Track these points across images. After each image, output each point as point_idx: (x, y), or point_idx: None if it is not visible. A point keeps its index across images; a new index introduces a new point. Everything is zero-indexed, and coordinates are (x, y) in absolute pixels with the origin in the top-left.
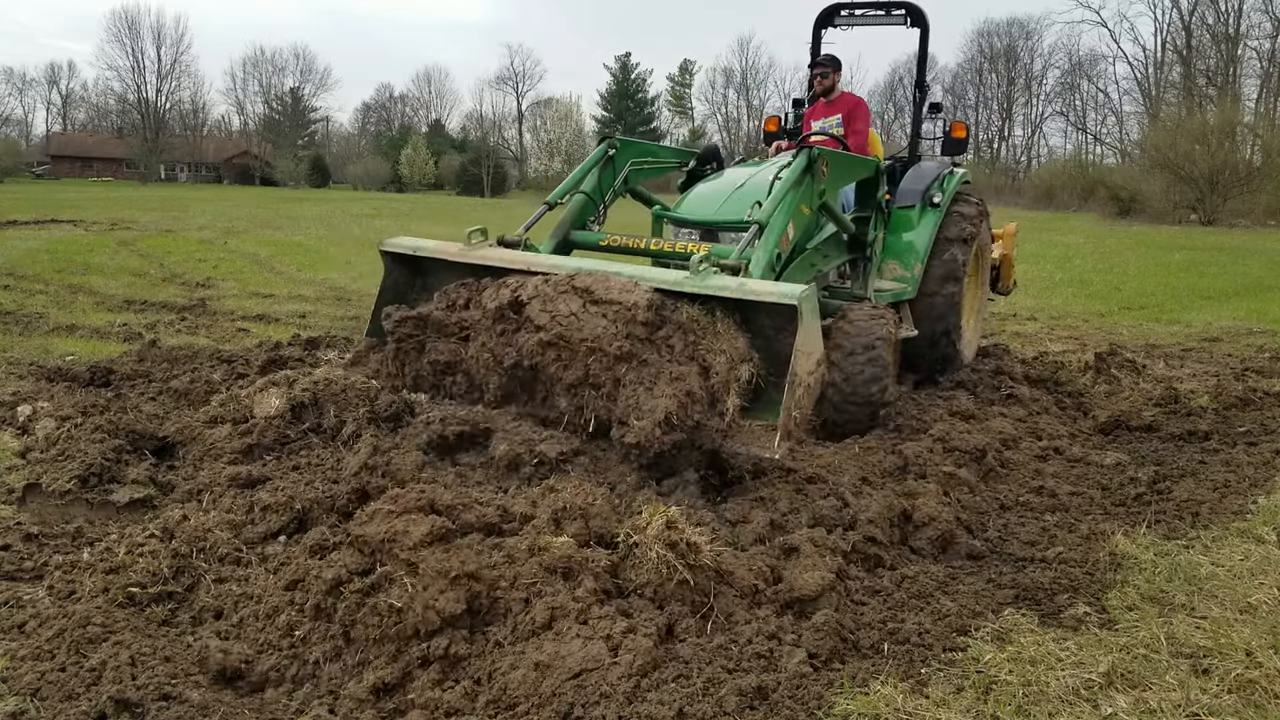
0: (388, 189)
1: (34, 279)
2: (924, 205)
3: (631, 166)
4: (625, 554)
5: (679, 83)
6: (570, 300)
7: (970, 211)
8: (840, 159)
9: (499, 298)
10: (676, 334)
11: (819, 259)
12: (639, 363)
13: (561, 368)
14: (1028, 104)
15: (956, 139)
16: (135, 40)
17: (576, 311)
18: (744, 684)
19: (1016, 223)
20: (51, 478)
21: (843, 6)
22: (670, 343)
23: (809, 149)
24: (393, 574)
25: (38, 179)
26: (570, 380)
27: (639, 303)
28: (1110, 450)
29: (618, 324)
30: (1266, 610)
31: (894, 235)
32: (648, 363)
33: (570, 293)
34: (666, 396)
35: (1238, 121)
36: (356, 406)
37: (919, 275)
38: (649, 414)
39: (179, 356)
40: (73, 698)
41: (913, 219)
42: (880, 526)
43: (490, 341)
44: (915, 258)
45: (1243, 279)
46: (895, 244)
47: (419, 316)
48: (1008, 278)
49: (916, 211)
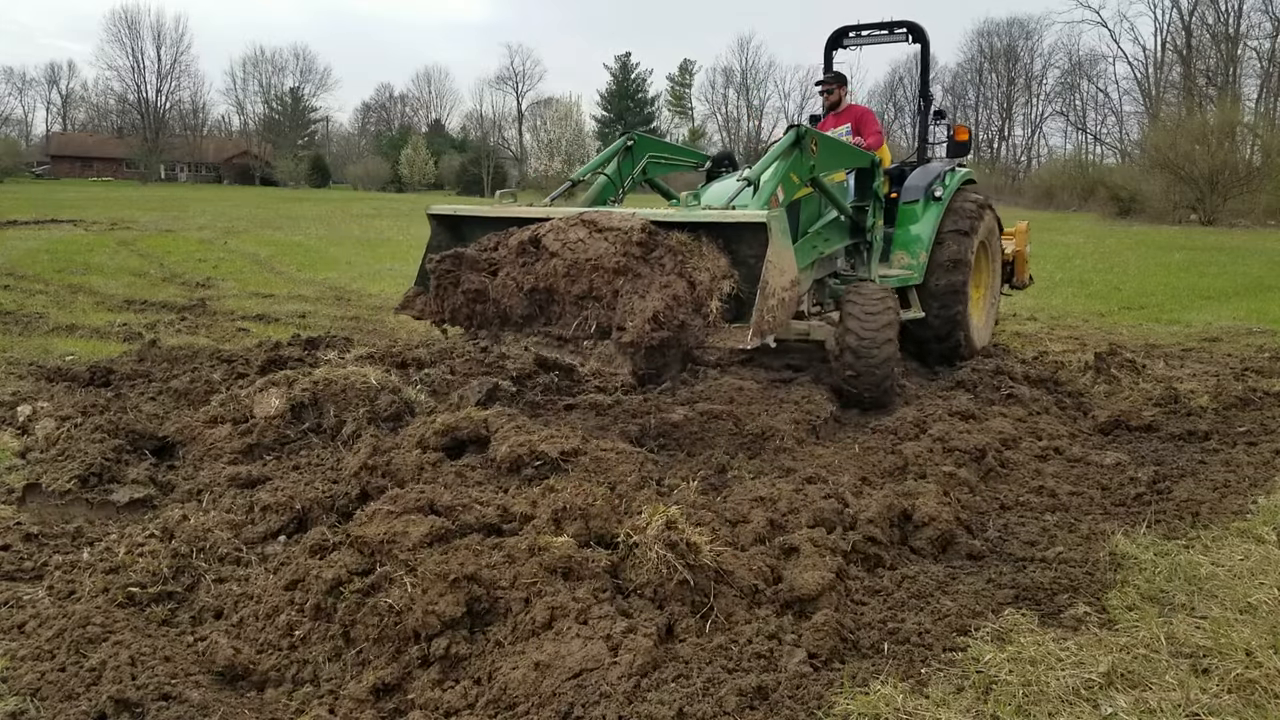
0: (387, 189)
1: (34, 279)
2: (927, 200)
3: (649, 159)
4: (625, 554)
5: (679, 83)
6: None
7: (970, 207)
8: (830, 142)
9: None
10: (667, 255)
11: (820, 241)
12: (634, 276)
13: (570, 283)
14: (1028, 104)
15: (960, 142)
16: (135, 40)
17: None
18: (744, 684)
19: (1028, 221)
20: (51, 478)
21: (851, 29)
22: (661, 261)
23: (797, 126)
24: (392, 574)
25: (38, 179)
26: (577, 293)
27: (634, 227)
28: (1110, 450)
29: (616, 245)
30: (1266, 610)
31: (901, 229)
32: (641, 276)
33: (579, 225)
34: (656, 300)
35: (1238, 121)
36: (356, 406)
37: (924, 263)
38: (640, 314)
39: (179, 356)
40: (73, 698)
41: (917, 213)
42: (880, 526)
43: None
44: (920, 247)
45: (1243, 279)
46: (902, 236)
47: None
48: (1021, 273)
49: (920, 206)
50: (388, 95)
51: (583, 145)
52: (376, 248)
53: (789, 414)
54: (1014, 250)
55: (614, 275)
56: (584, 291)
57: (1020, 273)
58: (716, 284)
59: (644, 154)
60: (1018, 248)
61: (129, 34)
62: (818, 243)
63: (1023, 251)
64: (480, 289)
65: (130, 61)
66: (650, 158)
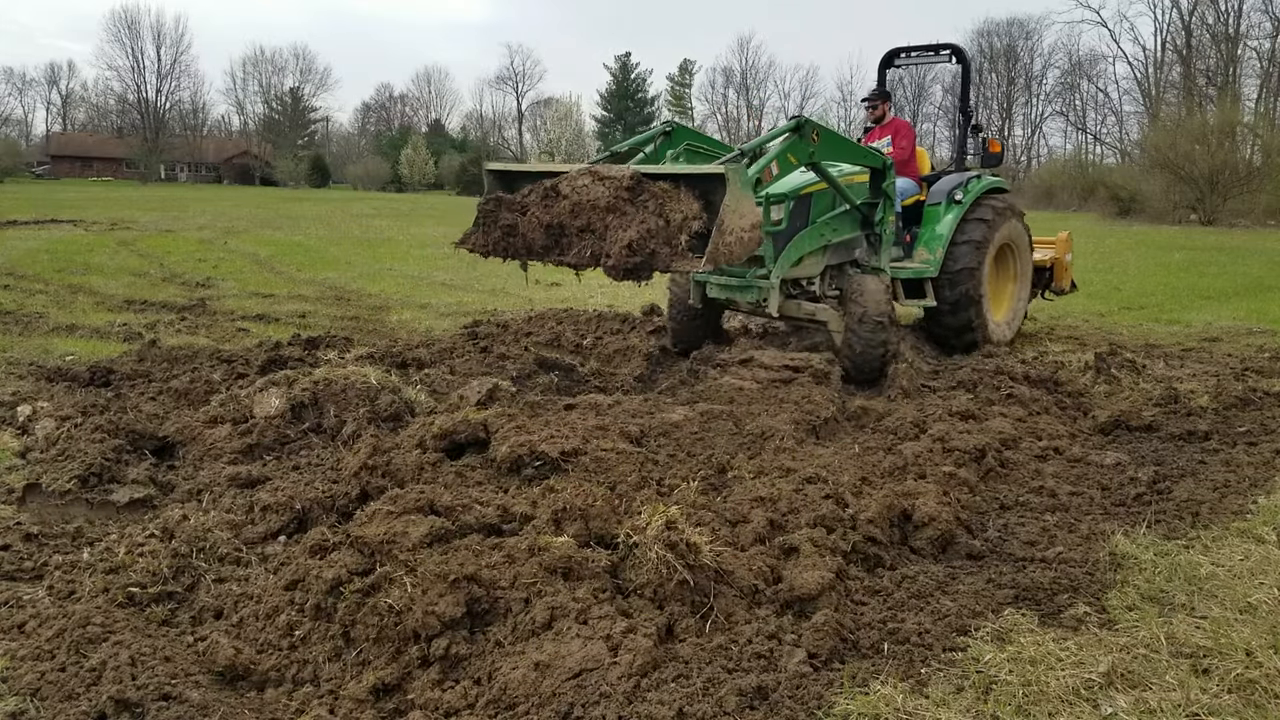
0: (387, 189)
1: (34, 279)
2: (948, 203)
3: (686, 146)
4: (625, 554)
5: (679, 83)
6: (585, 178)
7: (988, 214)
8: (834, 137)
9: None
10: (650, 199)
11: (828, 230)
12: (620, 214)
13: (573, 219)
14: (1028, 104)
15: (993, 153)
16: (135, 40)
17: (588, 184)
18: (744, 684)
19: (1069, 231)
20: (51, 478)
21: (901, 50)
22: (646, 204)
23: (799, 117)
24: (392, 574)
25: (38, 179)
26: (579, 227)
27: (625, 175)
28: (1110, 450)
29: (609, 188)
30: (1266, 610)
31: (925, 227)
32: (627, 214)
33: (586, 174)
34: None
35: (1238, 121)
36: (356, 406)
37: (940, 258)
38: (619, 242)
39: (179, 356)
40: (73, 698)
41: (939, 214)
42: (880, 526)
43: (537, 211)
44: (938, 244)
45: (1243, 279)
46: (925, 234)
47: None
48: (1061, 279)
49: (943, 208)
50: (388, 95)
51: (583, 145)
52: (376, 248)
53: (789, 414)
54: (1052, 257)
55: (605, 213)
56: (584, 225)
57: (1060, 279)
58: (687, 223)
59: (681, 141)
60: (1057, 255)
61: (129, 34)
62: (826, 231)
63: (1062, 259)
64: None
65: (130, 61)
66: (688, 145)
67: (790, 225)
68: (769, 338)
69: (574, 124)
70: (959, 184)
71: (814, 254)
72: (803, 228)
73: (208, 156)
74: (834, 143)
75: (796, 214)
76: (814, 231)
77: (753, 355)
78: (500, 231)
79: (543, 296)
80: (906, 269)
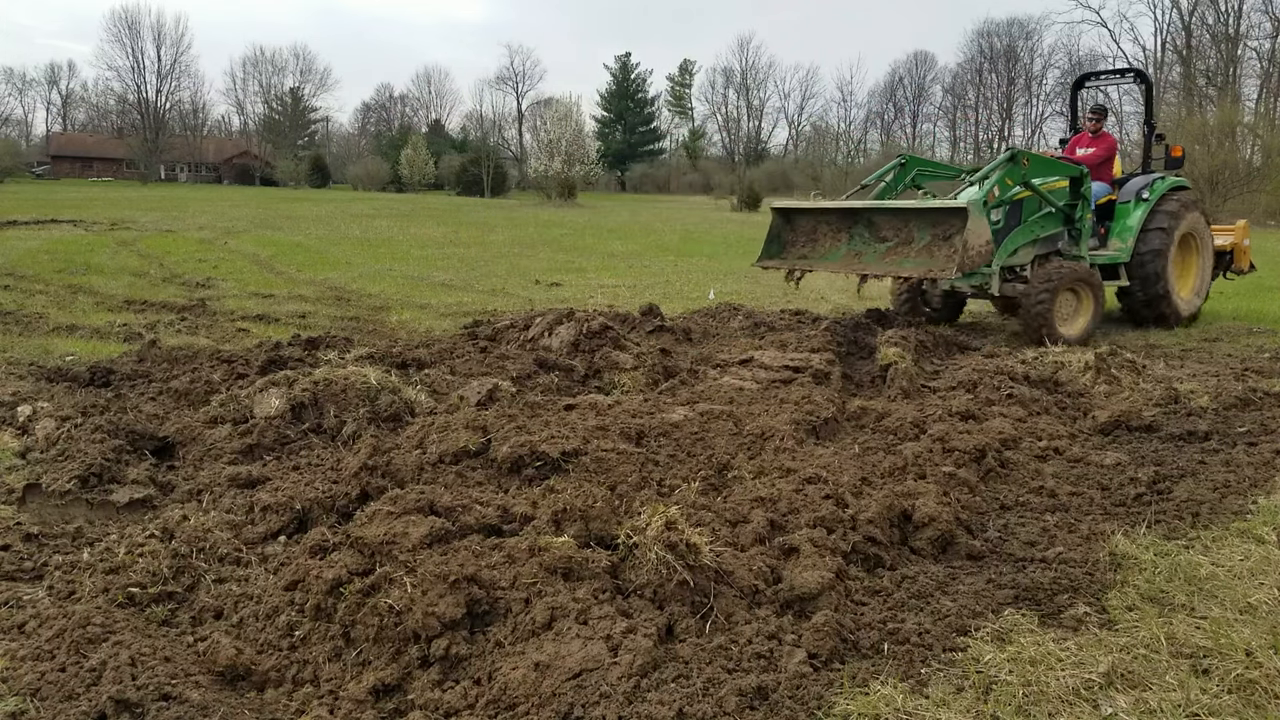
0: (387, 189)
1: (34, 279)
2: (1136, 200)
3: (918, 171)
4: (625, 554)
5: (679, 83)
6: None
7: (1172, 207)
8: (1042, 160)
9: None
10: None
11: (1037, 227)
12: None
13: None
14: (1028, 104)
15: (1175, 158)
16: (135, 40)
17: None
18: (744, 684)
19: (1245, 220)
20: (51, 478)
21: (1090, 75)
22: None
23: (1013, 149)
24: (392, 575)
25: (38, 179)
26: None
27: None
28: (1110, 450)
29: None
30: (1266, 610)
31: (1118, 222)
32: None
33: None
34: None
35: (1238, 121)
36: (356, 407)
37: (1131, 246)
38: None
39: (179, 356)
40: (73, 698)
41: (1130, 210)
42: (880, 527)
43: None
44: (1129, 234)
45: (1242, 279)
46: (1117, 227)
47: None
48: (1240, 260)
49: (1132, 205)
50: (388, 95)
51: (583, 145)
52: (376, 248)
53: (789, 414)
54: (1232, 243)
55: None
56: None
57: (1239, 261)
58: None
59: (914, 168)
60: (1235, 241)
61: (129, 34)
62: (1034, 228)
63: (1240, 244)
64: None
65: (130, 62)
66: (919, 170)
67: (1006, 224)
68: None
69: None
70: (1146, 184)
71: (1025, 246)
72: (1016, 225)
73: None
74: (1040, 163)
75: (1011, 215)
76: (1025, 228)
77: (753, 355)
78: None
79: (543, 297)
80: (1102, 256)
